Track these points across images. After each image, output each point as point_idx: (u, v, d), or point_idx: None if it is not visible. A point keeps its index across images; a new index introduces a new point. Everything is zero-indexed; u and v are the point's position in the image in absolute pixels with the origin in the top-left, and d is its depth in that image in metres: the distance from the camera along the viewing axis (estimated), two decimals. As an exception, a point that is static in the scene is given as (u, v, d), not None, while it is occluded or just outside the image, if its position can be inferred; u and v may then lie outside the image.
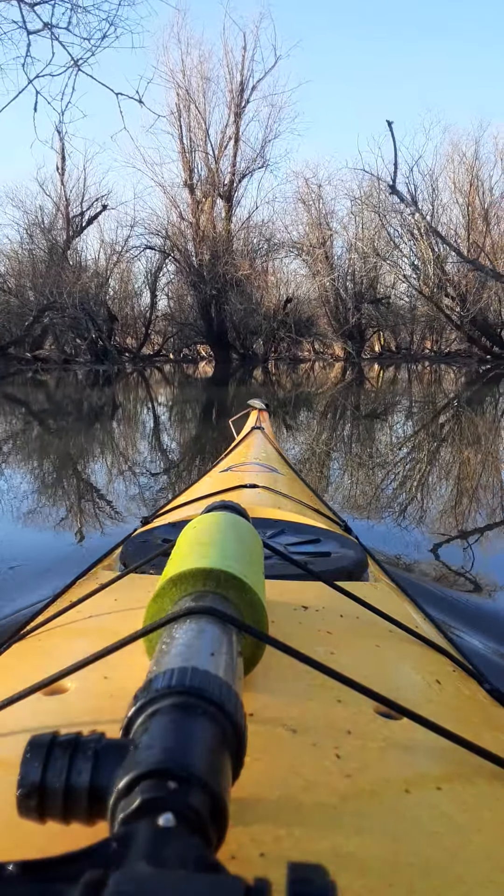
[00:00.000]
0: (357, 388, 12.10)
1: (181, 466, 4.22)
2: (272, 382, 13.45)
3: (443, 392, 11.07)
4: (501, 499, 3.52)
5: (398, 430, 6.70)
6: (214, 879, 0.24)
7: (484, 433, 6.40)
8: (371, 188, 21.72)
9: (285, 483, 1.56)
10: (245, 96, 22.94)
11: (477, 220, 21.11)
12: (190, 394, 11.19)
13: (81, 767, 0.30)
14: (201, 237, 22.19)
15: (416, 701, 0.54)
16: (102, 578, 0.84)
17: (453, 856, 0.36)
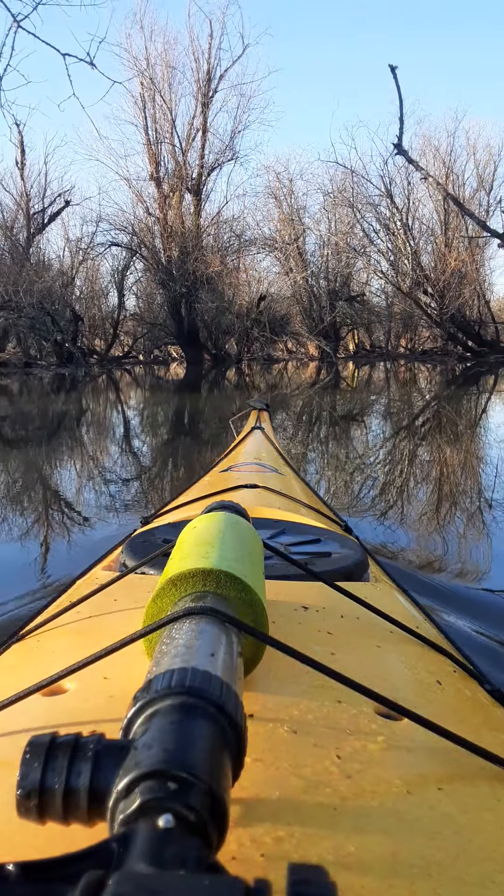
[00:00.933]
0: (333, 389, 11.71)
1: (181, 467, 4.22)
2: (246, 385, 13.00)
3: (423, 392, 10.89)
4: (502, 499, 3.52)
5: (394, 431, 6.70)
6: (214, 880, 0.24)
7: (483, 434, 6.40)
8: (344, 182, 21.34)
9: (285, 483, 1.56)
10: (212, 86, 21.86)
11: (455, 214, 20.67)
12: (160, 397, 10.78)
13: (81, 768, 0.30)
14: (169, 233, 21.33)
15: (417, 701, 0.54)
16: (102, 579, 0.84)
17: (454, 856, 0.36)
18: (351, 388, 12.02)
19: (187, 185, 21.82)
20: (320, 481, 3.74)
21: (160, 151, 21.87)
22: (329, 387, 11.81)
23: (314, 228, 22.97)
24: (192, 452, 4.79)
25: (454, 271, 19.78)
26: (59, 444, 5.24)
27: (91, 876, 0.24)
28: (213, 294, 20.66)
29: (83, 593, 0.74)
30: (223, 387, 12.66)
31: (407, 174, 20.47)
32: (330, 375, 14.91)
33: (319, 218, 22.86)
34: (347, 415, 7.55)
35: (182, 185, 21.68)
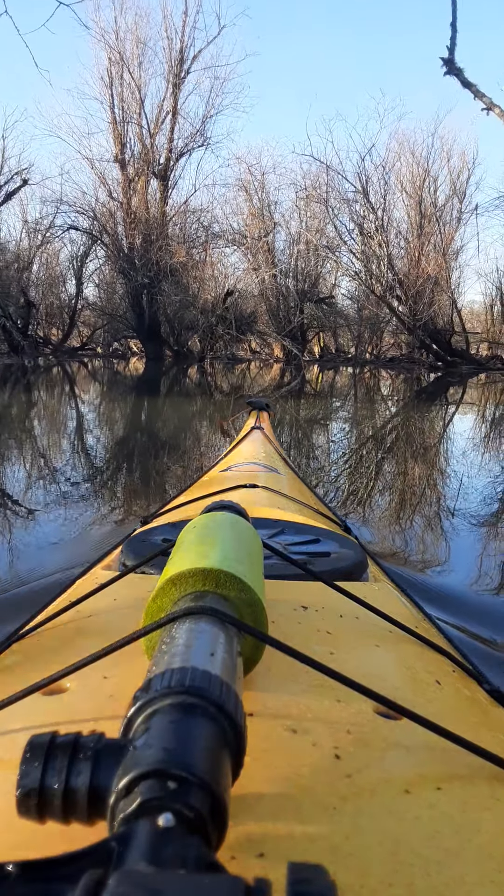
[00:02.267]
0: (300, 393, 10.97)
1: (181, 466, 4.22)
2: (208, 385, 12.33)
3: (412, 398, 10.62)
4: (501, 498, 3.52)
5: (390, 434, 6.70)
6: (214, 879, 0.24)
7: (484, 434, 6.40)
8: (318, 178, 20.30)
9: (285, 483, 1.56)
10: (185, 66, 20.61)
11: (429, 220, 20.25)
12: (116, 394, 10.18)
13: (81, 767, 0.30)
14: (133, 219, 19.98)
15: (416, 701, 0.54)
16: (102, 578, 0.84)
17: (453, 856, 0.36)
18: (315, 391, 11.60)
19: (154, 170, 20.62)
20: (320, 481, 3.74)
21: (126, 132, 20.53)
22: (296, 391, 11.18)
23: (285, 225, 22.09)
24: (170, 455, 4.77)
25: (428, 277, 19.31)
26: (56, 442, 5.21)
27: (91, 875, 0.24)
28: (176, 287, 19.59)
29: (83, 593, 0.74)
30: (184, 386, 12.07)
31: (384, 172, 19.84)
32: (297, 379, 14.22)
33: (291, 215, 21.99)
34: (314, 419, 7.35)
35: (148, 169, 20.49)
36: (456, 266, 21.44)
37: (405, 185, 20.49)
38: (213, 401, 9.01)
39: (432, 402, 9.92)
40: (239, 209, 22.03)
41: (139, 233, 19.89)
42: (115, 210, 20.45)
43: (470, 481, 4.04)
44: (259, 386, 12.39)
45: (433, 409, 8.84)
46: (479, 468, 4.52)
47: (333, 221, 20.46)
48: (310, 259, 21.42)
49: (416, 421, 7.44)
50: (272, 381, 13.57)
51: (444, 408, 9.10)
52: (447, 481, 4.06)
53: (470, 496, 3.60)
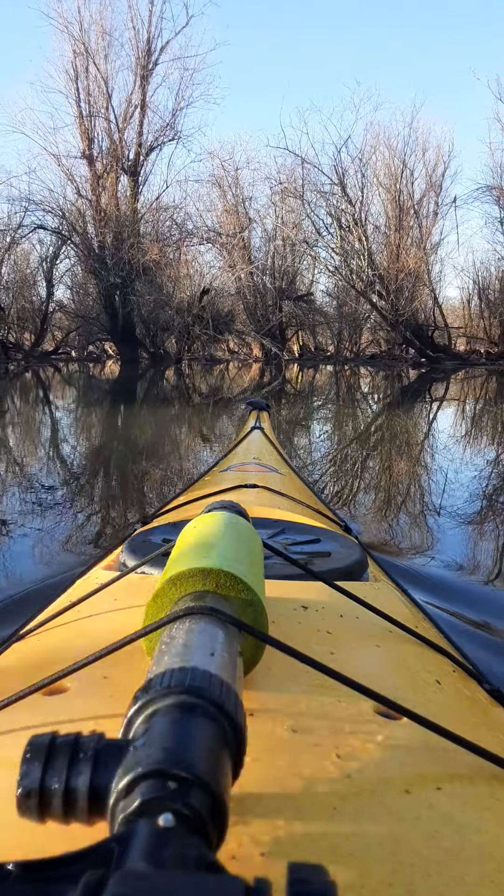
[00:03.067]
0: (280, 391, 10.68)
1: (181, 466, 4.22)
2: (186, 387, 11.81)
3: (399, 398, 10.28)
4: (501, 498, 3.52)
5: (391, 433, 6.70)
6: (214, 879, 0.24)
7: (483, 434, 6.40)
8: (293, 172, 19.79)
9: (285, 483, 1.56)
10: (153, 58, 19.71)
11: (407, 213, 19.90)
12: (93, 397, 9.83)
13: (81, 767, 0.30)
14: (102, 217, 19.19)
15: (416, 701, 0.54)
16: (102, 578, 0.84)
17: (453, 856, 0.36)
18: (297, 390, 11.25)
19: (123, 166, 19.79)
20: (320, 481, 3.74)
21: (93, 126, 19.59)
22: (277, 391, 10.63)
23: (260, 222, 21.53)
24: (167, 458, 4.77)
25: (409, 272, 18.95)
26: (31, 451, 5.20)
27: (91, 875, 0.24)
28: (150, 286, 18.81)
29: (83, 593, 0.74)
30: (161, 389, 11.60)
31: (361, 164, 19.46)
32: (278, 379, 13.66)
33: (266, 211, 21.41)
34: (300, 420, 7.10)
35: (117, 165, 19.64)
36: (436, 260, 21.22)
37: (382, 178, 20.22)
38: (192, 404, 8.63)
39: (422, 400, 9.85)
40: (213, 206, 21.37)
41: (110, 231, 19.16)
42: (84, 208, 19.72)
43: (470, 481, 4.04)
44: (238, 387, 12.03)
45: (425, 407, 8.79)
46: (479, 468, 4.52)
47: (310, 217, 20.03)
48: (287, 256, 21.00)
49: (413, 420, 7.43)
50: (252, 382, 13.21)
51: (437, 405, 9.05)
52: (447, 481, 4.06)
53: (470, 495, 3.60)
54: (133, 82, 19.77)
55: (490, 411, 8.19)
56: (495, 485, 3.90)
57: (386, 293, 18.78)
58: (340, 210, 19.18)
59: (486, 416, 7.76)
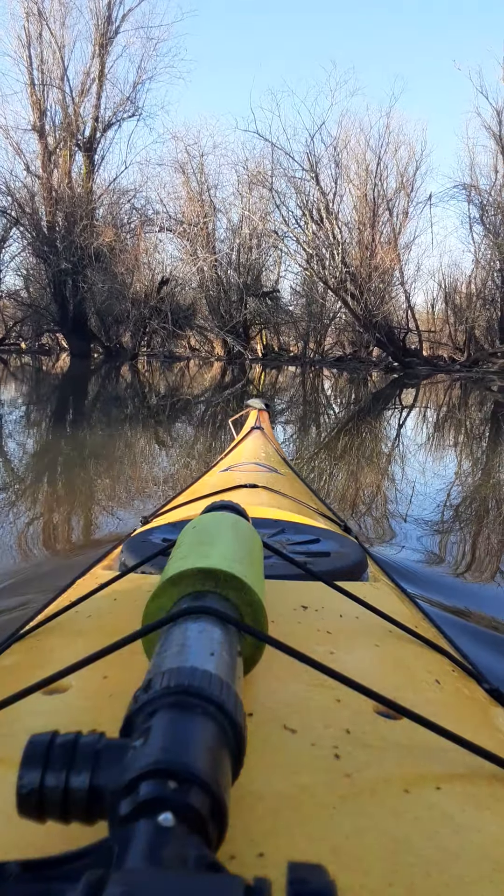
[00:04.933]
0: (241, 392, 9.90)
1: (181, 466, 4.22)
2: (141, 384, 11.01)
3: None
4: (500, 498, 3.53)
5: (392, 432, 6.70)
6: (214, 879, 0.24)
7: (482, 434, 6.41)
8: (263, 161, 18.37)
9: (285, 483, 1.56)
10: (113, 26, 18.16)
11: (381, 209, 18.78)
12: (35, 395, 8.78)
13: (81, 767, 0.30)
14: (53, 196, 17.59)
15: (416, 701, 0.54)
16: (102, 578, 0.85)
17: (453, 856, 0.36)
18: (258, 391, 10.36)
19: (78, 142, 18.29)
20: (320, 482, 3.74)
21: (46, 97, 17.88)
22: (239, 393, 9.77)
23: (226, 213, 19.94)
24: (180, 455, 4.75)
25: (384, 271, 17.96)
26: (56, 441, 5.14)
27: (91, 874, 0.24)
28: (104, 274, 17.23)
29: (83, 592, 0.74)
30: (115, 387, 10.71)
31: (335, 153, 18.10)
32: (242, 380, 12.77)
33: (233, 201, 19.77)
34: None
35: (71, 140, 18.13)
36: (409, 260, 20.27)
37: (357, 170, 18.95)
38: (146, 404, 7.91)
39: (417, 406, 9.65)
40: (175, 192, 19.72)
41: (61, 212, 17.57)
42: (34, 186, 18.00)
43: (470, 481, 4.04)
44: (200, 386, 11.38)
45: (417, 411, 8.68)
46: (479, 468, 4.53)
47: (280, 208, 18.64)
48: (253, 249, 19.75)
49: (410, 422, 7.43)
50: (213, 381, 12.61)
51: (427, 411, 8.91)
52: (447, 481, 4.06)
53: (470, 496, 3.60)
54: (91, 51, 18.11)
55: (480, 418, 8.14)
56: (494, 485, 3.91)
57: (360, 293, 17.64)
58: (313, 202, 17.93)
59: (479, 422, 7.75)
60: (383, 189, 18.94)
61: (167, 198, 19.49)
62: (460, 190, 19.59)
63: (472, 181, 19.59)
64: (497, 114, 18.82)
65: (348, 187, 18.84)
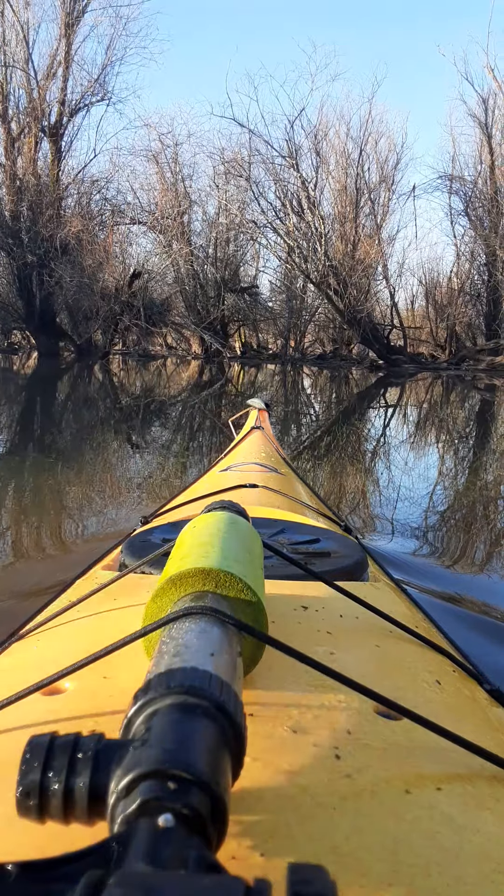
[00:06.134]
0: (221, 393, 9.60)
1: (181, 466, 4.22)
2: (113, 386, 10.26)
3: None
4: (500, 498, 3.52)
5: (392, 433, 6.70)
6: (214, 880, 0.24)
7: (482, 435, 6.41)
8: (240, 151, 17.67)
9: (285, 483, 1.56)
10: (80, 4, 17.26)
11: (362, 201, 18.20)
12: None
13: (81, 768, 0.30)
14: (17, 185, 16.63)
15: (416, 701, 0.54)
16: (102, 578, 0.84)
17: (453, 856, 0.36)
18: (236, 390, 10.16)
19: (43, 127, 17.27)
20: (320, 482, 3.74)
21: (9, 80, 16.88)
22: (218, 394, 9.42)
23: (202, 206, 19.25)
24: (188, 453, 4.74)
25: (367, 266, 17.34)
26: (55, 444, 5.11)
27: (91, 875, 0.24)
28: (72, 268, 16.23)
29: (83, 593, 0.74)
30: (89, 383, 10.21)
31: (315, 142, 17.54)
32: (221, 380, 12.31)
33: (210, 193, 18.99)
34: None
35: (36, 125, 17.13)
36: (392, 254, 19.54)
37: (338, 158, 18.47)
38: (118, 407, 7.47)
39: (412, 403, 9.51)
40: (149, 184, 18.83)
41: (26, 201, 16.56)
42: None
43: (470, 481, 4.04)
44: (177, 386, 10.92)
45: (414, 410, 8.57)
46: (479, 469, 4.53)
47: (258, 200, 17.87)
48: (231, 243, 19.11)
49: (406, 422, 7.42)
50: (191, 381, 12.10)
51: (421, 409, 8.82)
52: (447, 481, 4.06)
53: (470, 496, 3.60)
54: (57, 31, 17.14)
55: (476, 418, 8.10)
56: (494, 486, 3.91)
57: (343, 288, 16.95)
58: (293, 192, 17.37)
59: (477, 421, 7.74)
60: (366, 180, 18.45)
61: (140, 188, 18.75)
62: (444, 181, 19.05)
63: (456, 172, 19.09)
64: (483, 101, 18.41)
65: (328, 179, 18.45)
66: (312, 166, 17.72)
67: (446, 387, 12.48)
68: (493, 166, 17.85)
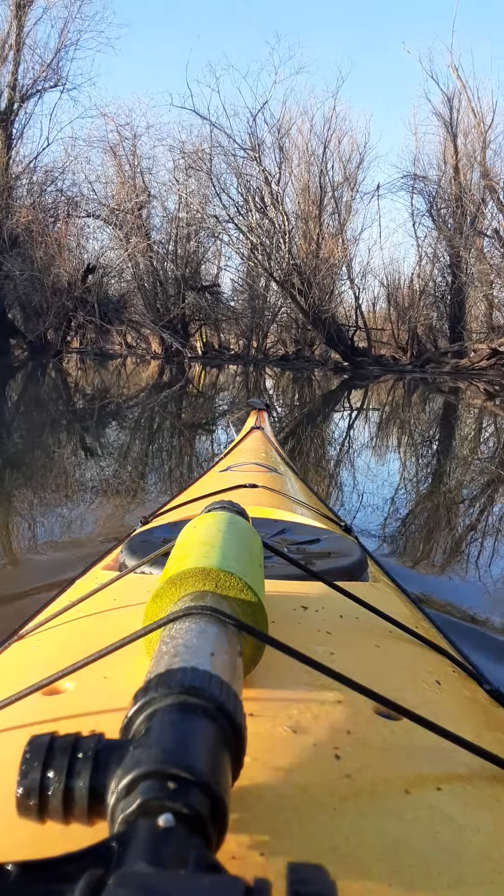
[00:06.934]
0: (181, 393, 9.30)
1: (181, 466, 4.22)
2: (67, 386, 9.78)
3: None
4: (499, 498, 3.53)
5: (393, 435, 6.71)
6: (214, 880, 0.24)
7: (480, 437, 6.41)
8: (202, 145, 16.94)
9: (285, 483, 1.56)
10: None
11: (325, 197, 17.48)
12: None
13: (81, 768, 0.30)
14: None
15: (416, 701, 0.54)
16: (102, 578, 0.84)
17: (453, 856, 0.36)
18: (198, 391, 9.90)
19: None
20: (319, 482, 3.74)
21: None
22: (178, 395, 8.99)
23: (162, 199, 18.56)
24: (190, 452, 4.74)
25: (331, 265, 16.76)
26: (55, 442, 5.07)
27: (91, 875, 0.24)
28: (22, 261, 15.30)
29: (83, 593, 0.74)
30: (40, 382, 9.68)
31: (279, 136, 16.73)
32: (182, 381, 11.90)
33: (170, 188, 18.31)
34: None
35: None
36: (357, 253, 18.89)
37: (302, 155, 17.70)
38: (72, 409, 7.04)
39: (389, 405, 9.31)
40: (106, 176, 18.00)
41: None
42: None
43: (469, 481, 4.04)
44: (135, 386, 10.48)
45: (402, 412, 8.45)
46: (479, 469, 4.53)
47: (220, 195, 17.14)
48: (192, 239, 18.42)
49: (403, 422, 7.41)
50: (150, 381, 11.76)
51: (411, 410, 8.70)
52: (447, 481, 4.06)
53: (469, 496, 3.60)
54: (8, 13, 15.98)
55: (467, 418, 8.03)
56: (494, 486, 3.91)
57: (307, 287, 16.36)
58: (255, 188, 16.56)
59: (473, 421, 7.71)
60: (330, 178, 17.84)
61: (96, 181, 17.80)
62: (408, 180, 18.39)
63: (420, 171, 18.42)
64: (448, 100, 17.76)
65: (291, 177, 17.68)
66: (275, 162, 17.01)
67: (409, 389, 12.15)
68: (457, 167, 17.55)
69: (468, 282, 17.61)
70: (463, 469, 4.54)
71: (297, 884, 0.24)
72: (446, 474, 4.31)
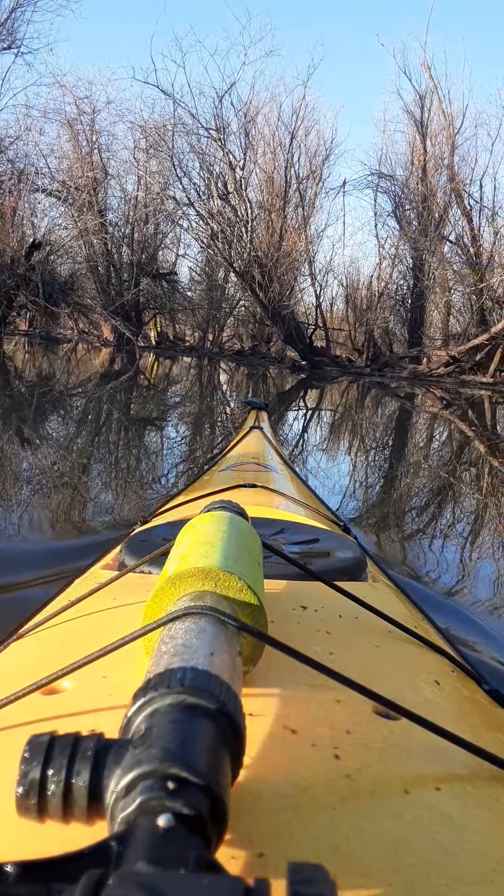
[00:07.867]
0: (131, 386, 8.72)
1: (180, 465, 4.22)
2: (7, 372, 8.92)
3: None
4: (499, 499, 3.53)
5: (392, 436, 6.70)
6: (214, 880, 0.24)
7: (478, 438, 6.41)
8: (164, 126, 16.19)
9: (284, 482, 1.56)
10: None
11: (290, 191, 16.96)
12: None
13: (80, 767, 0.30)
14: None
15: (415, 701, 0.54)
16: (101, 578, 0.84)
17: (453, 856, 0.36)
18: (150, 382, 9.41)
19: None
20: (319, 482, 3.74)
21: None
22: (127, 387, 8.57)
23: (120, 179, 17.78)
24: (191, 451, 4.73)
25: (293, 260, 16.32)
26: (49, 440, 5.02)
27: (91, 875, 0.24)
28: None
29: (82, 592, 0.74)
30: None
31: (245, 121, 16.13)
32: (131, 370, 11.30)
33: (129, 168, 17.50)
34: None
35: None
36: (319, 249, 18.47)
37: (269, 143, 17.14)
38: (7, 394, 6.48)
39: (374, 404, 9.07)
40: (62, 151, 17.02)
41: None
42: None
43: (469, 482, 4.04)
44: (84, 373, 9.94)
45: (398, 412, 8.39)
46: (479, 469, 4.53)
47: (181, 179, 16.47)
48: (150, 221, 17.69)
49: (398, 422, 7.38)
50: (101, 368, 11.25)
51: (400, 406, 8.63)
52: (447, 481, 4.06)
53: (469, 496, 3.60)
54: None
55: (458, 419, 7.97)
56: (494, 486, 3.91)
57: (268, 281, 15.72)
58: (218, 173, 16.00)
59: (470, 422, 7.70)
60: (296, 170, 17.27)
61: (50, 154, 16.76)
62: (375, 178, 17.84)
63: (387, 170, 17.66)
64: (420, 98, 17.26)
65: (255, 167, 17.14)
66: (240, 147, 16.38)
67: (362, 392, 11.69)
68: (424, 168, 17.16)
69: (430, 286, 17.28)
70: (462, 469, 4.54)
71: (298, 884, 0.24)
72: (446, 475, 4.31)
